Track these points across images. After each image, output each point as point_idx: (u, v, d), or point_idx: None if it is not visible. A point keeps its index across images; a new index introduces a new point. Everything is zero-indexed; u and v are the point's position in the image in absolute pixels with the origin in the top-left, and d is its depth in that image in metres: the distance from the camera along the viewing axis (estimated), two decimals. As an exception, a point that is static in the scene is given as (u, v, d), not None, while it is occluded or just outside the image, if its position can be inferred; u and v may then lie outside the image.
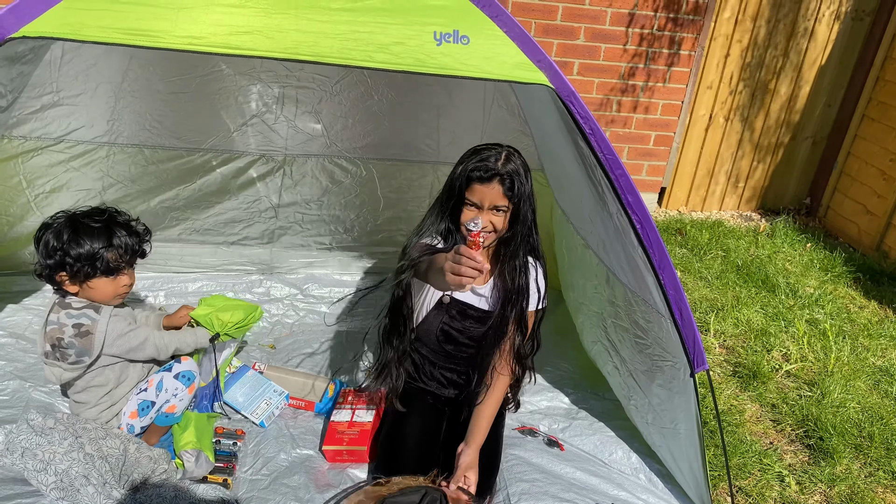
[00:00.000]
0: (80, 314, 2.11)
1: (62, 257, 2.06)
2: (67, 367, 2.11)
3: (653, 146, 4.93)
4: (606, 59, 4.56)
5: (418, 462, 2.16)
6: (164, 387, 2.20)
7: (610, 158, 1.86)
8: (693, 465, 2.18)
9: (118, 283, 2.17)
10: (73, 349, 2.09)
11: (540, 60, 1.80)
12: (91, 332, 2.11)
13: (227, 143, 3.00)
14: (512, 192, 2.07)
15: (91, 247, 2.07)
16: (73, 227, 2.08)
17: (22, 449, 1.98)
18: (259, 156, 3.08)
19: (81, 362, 2.11)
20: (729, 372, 3.23)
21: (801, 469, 2.66)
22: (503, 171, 2.06)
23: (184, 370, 2.24)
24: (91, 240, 2.08)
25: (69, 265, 2.07)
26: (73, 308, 2.11)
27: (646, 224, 1.90)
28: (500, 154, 2.10)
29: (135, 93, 2.72)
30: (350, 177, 3.22)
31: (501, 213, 2.13)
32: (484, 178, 2.07)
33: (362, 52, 1.68)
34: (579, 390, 2.76)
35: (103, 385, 2.19)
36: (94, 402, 2.19)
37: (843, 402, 3.01)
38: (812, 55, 4.95)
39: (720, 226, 4.95)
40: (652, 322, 2.13)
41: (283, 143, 3.07)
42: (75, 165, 2.84)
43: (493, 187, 2.07)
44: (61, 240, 2.06)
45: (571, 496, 2.22)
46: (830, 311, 3.83)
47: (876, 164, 4.77)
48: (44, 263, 2.08)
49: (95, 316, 2.12)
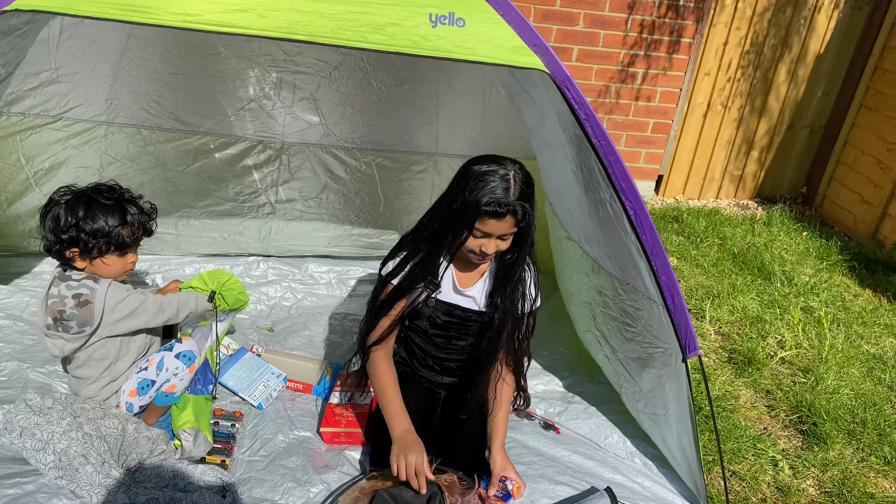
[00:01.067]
0: (80, 285, 2.13)
1: (77, 233, 2.08)
2: (70, 337, 2.12)
3: (651, 133, 4.93)
4: (606, 45, 4.55)
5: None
6: (164, 366, 2.21)
7: (604, 144, 1.86)
8: (687, 449, 2.20)
9: (126, 261, 2.20)
10: (74, 320, 2.11)
11: (536, 45, 1.80)
12: (91, 300, 2.12)
13: (225, 128, 3.00)
14: (524, 221, 2.01)
15: (106, 223, 2.10)
16: (87, 204, 2.09)
17: (20, 428, 2.00)
18: (257, 142, 3.08)
19: (83, 332, 2.13)
20: (724, 358, 3.25)
21: (794, 454, 2.68)
22: (516, 205, 1.96)
23: (185, 350, 2.25)
24: (106, 216, 2.10)
25: (83, 241, 2.09)
26: (73, 280, 2.13)
27: (639, 211, 1.90)
28: (508, 181, 1.97)
29: (133, 72, 2.72)
30: (348, 170, 3.21)
31: (509, 238, 2.08)
32: (498, 213, 1.97)
33: (357, 33, 1.68)
34: (575, 373, 2.78)
35: (104, 359, 2.20)
36: (95, 377, 2.20)
37: (837, 388, 3.03)
38: (811, 44, 4.95)
39: (717, 214, 4.96)
40: (642, 310, 2.14)
41: (280, 130, 3.06)
42: (74, 143, 2.84)
43: (506, 220, 1.99)
44: (76, 215, 2.07)
45: (567, 479, 2.24)
46: (825, 299, 3.85)
47: (872, 153, 4.78)
48: (56, 238, 2.09)
49: (94, 285, 2.14)
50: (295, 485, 2.13)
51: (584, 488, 2.22)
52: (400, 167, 3.26)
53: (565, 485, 2.22)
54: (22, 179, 2.86)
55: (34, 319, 2.70)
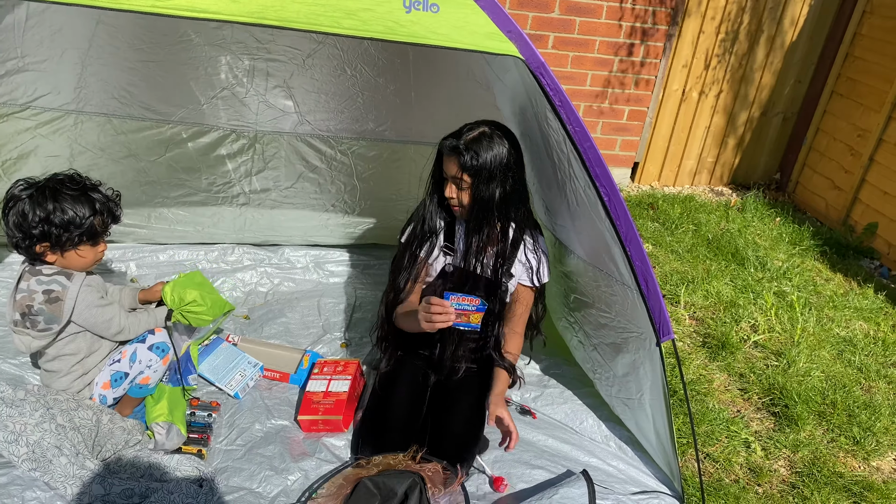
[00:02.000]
0: (51, 280, 2.09)
1: (48, 227, 2.04)
2: (36, 334, 2.10)
3: (626, 121, 4.95)
4: (582, 32, 4.56)
5: (404, 428, 2.21)
6: (137, 358, 2.19)
7: (578, 131, 1.87)
8: (661, 432, 2.23)
9: (97, 250, 2.17)
10: (42, 316, 2.08)
11: (510, 31, 1.80)
12: (61, 298, 2.09)
13: (197, 116, 2.96)
14: (466, 167, 2.13)
15: (76, 213, 2.06)
16: (53, 196, 2.05)
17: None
18: (230, 131, 3.04)
19: (50, 329, 2.10)
20: (698, 343, 3.29)
21: (766, 435, 2.73)
22: (462, 145, 2.14)
23: (158, 341, 2.24)
24: (76, 206, 2.06)
25: (55, 235, 2.05)
26: (44, 275, 2.10)
27: (613, 197, 1.92)
28: (472, 129, 2.17)
29: (102, 60, 2.67)
30: (324, 159, 3.19)
31: (466, 189, 2.19)
32: (447, 149, 2.19)
33: (330, 18, 1.66)
34: (552, 356, 2.80)
35: (74, 354, 2.18)
36: (66, 371, 2.18)
37: (808, 371, 3.08)
38: (784, 32, 5.00)
39: (692, 200, 5.01)
40: (616, 295, 2.17)
41: (253, 119, 3.03)
42: (43, 133, 2.79)
43: (452, 160, 2.17)
44: (45, 209, 2.03)
45: (543, 463, 2.27)
46: (798, 284, 3.91)
47: (844, 139, 4.85)
48: (24, 234, 2.05)
49: (66, 283, 2.11)
50: (272, 473, 2.14)
51: (560, 472, 2.24)
52: (376, 155, 3.24)
53: (542, 469, 2.24)
54: (-10, 168, 2.81)
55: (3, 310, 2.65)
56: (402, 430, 2.21)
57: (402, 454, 2.08)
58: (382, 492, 1.91)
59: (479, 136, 2.14)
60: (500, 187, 2.17)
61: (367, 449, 2.18)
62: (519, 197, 2.26)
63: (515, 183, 2.21)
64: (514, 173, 2.20)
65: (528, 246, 2.36)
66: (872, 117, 4.57)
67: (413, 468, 1.99)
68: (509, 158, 2.16)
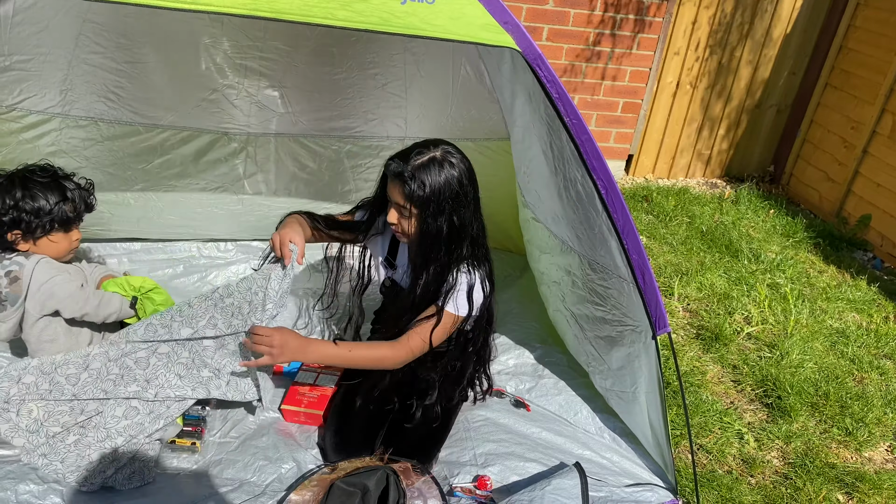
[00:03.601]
0: (11, 262, 2.12)
1: (17, 213, 2.06)
2: (3, 315, 2.11)
3: (621, 113, 4.95)
4: (576, 24, 4.54)
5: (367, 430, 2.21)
6: None
7: (575, 123, 1.86)
8: (655, 424, 2.23)
9: (71, 238, 2.19)
10: (7, 300, 2.10)
11: (507, 22, 1.79)
12: (19, 277, 2.10)
13: (187, 119, 2.85)
14: (412, 197, 1.97)
15: (47, 200, 2.09)
16: (23, 184, 2.07)
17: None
18: (220, 134, 2.95)
19: (16, 313, 2.12)
20: (692, 335, 3.30)
21: (759, 427, 2.74)
22: (409, 171, 1.96)
23: None
24: (46, 193, 2.09)
25: (25, 222, 2.07)
26: (6, 259, 2.12)
27: (610, 189, 1.91)
28: (421, 152, 2.00)
29: (89, 60, 2.56)
30: (318, 159, 3.13)
31: (409, 217, 2.04)
32: (392, 173, 2.02)
33: (323, 10, 1.64)
34: (546, 345, 2.80)
35: (53, 340, 2.18)
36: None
37: (801, 362, 3.10)
38: (778, 24, 4.99)
39: (686, 193, 5.01)
40: (611, 288, 2.16)
41: (245, 121, 2.93)
42: (27, 137, 2.68)
43: (396, 186, 2.01)
44: (14, 196, 2.05)
45: (537, 455, 2.27)
46: (791, 276, 3.92)
47: (837, 131, 4.86)
48: (9, 217, 2.07)
49: (24, 261, 2.12)
50: (266, 462, 2.14)
51: (553, 464, 2.24)
52: (370, 153, 3.20)
53: (535, 461, 2.24)
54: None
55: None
56: (364, 432, 2.21)
57: (369, 457, 2.09)
58: (357, 489, 1.92)
59: (429, 163, 1.97)
60: (448, 220, 2.02)
61: (332, 454, 2.18)
62: (470, 229, 2.08)
63: (467, 213, 2.05)
64: (466, 204, 2.03)
65: (463, 271, 2.13)
66: (866, 109, 4.58)
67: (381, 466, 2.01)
68: (461, 188, 2.00)
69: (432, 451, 2.21)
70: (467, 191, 2.04)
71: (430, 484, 2.06)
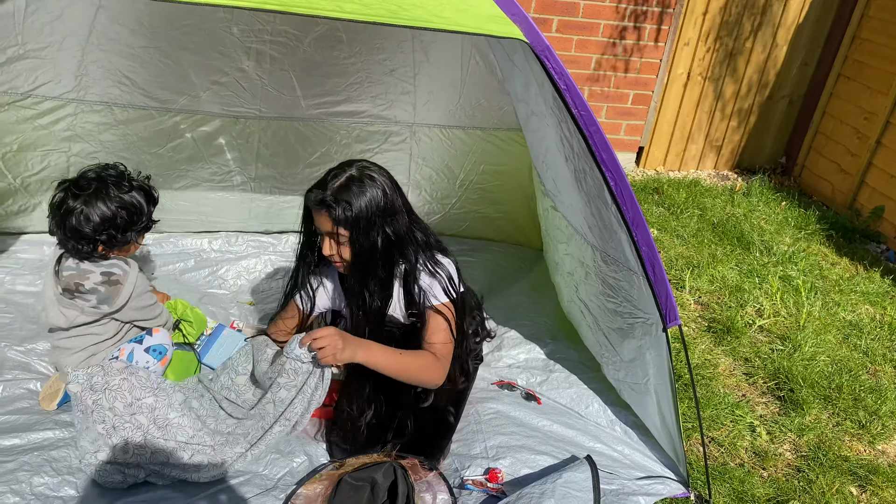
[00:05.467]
0: (111, 264, 2.18)
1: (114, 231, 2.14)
2: (88, 310, 2.15)
3: (631, 105, 4.92)
4: (586, 16, 4.52)
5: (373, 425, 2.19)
6: (134, 358, 2.21)
7: (584, 115, 1.85)
8: (667, 417, 2.23)
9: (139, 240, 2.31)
10: (95, 295, 2.14)
11: (514, 14, 1.78)
12: (121, 282, 2.17)
13: (199, 103, 2.93)
14: (339, 220, 1.93)
15: (135, 210, 2.19)
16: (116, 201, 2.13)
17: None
18: (231, 118, 3.01)
19: (98, 310, 2.16)
20: (704, 327, 3.28)
21: (771, 420, 2.72)
22: (330, 196, 1.92)
23: (155, 344, 2.26)
24: (133, 205, 2.18)
25: (118, 238, 2.16)
26: (98, 257, 2.17)
27: (619, 181, 1.90)
28: (337, 176, 1.96)
29: (103, 47, 2.64)
30: (327, 142, 3.16)
31: (345, 243, 1.99)
32: (314, 203, 1.97)
33: (331, 2, 1.62)
34: (557, 340, 2.80)
35: (99, 335, 2.21)
36: (81, 348, 2.20)
37: (814, 355, 3.07)
38: (790, 14, 4.94)
39: (697, 185, 4.98)
40: (622, 280, 2.16)
41: (256, 104, 3.00)
42: (43, 123, 2.77)
43: (322, 215, 1.96)
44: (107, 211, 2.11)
45: (548, 448, 2.27)
46: (803, 268, 3.90)
47: (850, 122, 4.81)
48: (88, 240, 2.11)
49: (126, 268, 2.20)
50: (278, 456, 2.15)
51: (564, 457, 2.25)
52: (378, 138, 3.22)
53: (546, 454, 2.24)
54: (-8, 158, 2.80)
55: (10, 298, 2.67)
56: (371, 429, 2.19)
57: (376, 453, 2.10)
58: (365, 483, 1.93)
59: (347, 183, 1.94)
60: (382, 234, 1.98)
61: (339, 452, 2.18)
62: (407, 237, 2.05)
63: (400, 223, 2.02)
64: (396, 212, 2.00)
65: (425, 272, 2.10)
66: (879, 100, 4.53)
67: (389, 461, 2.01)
68: (386, 199, 1.97)
69: (441, 443, 2.21)
70: (393, 200, 2.00)
71: (439, 479, 2.06)
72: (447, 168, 3.34)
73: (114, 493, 1.95)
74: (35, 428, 2.11)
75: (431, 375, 2.10)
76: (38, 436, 2.08)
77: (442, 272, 2.12)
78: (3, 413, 2.14)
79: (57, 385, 2.23)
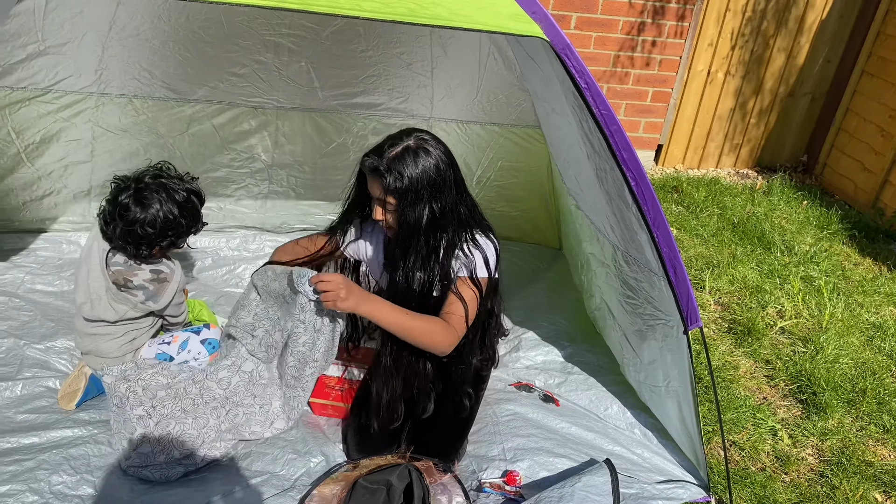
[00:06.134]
0: (160, 263, 2.24)
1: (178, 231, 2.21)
2: (139, 306, 2.19)
3: (650, 102, 4.87)
4: (605, 12, 4.47)
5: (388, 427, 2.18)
6: (188, 347, 2.26)
7: (605, 114, 1.83)
8: (687, 420, 2.20)
9: None
10: (142, 291, 2.19)
11: (535, 12, 1.76)
12: (168, 280, 2.23)
13: (218, 94, 2.95)
14: (389, 189, 1.95)
15: (192, 215, 2.25)
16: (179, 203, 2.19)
17: None
18: (251, 108, 3.04)
19: (146, 306, 2.21)
20: (724, 329, 3.24)
21: (793, 423, 2.68)
22: (384, 165, 1.94)
23: (211, 337, 2.31)
24: (189, 209, 2.23)
25: (175, 240, 2.22)
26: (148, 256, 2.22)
27: (640, 181, 1.87)
28: (394, 144, 1.97)
29: (123, 41, 2.67)
30: (343, 133, 3.17)
31: (392, 211, 2.01)
32: (368, 169, 2.00)
33: (351, 1, 1.63)
34: (575, 344, 2.77)
35: (136, 321, 2.25)
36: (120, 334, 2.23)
37: (837, 357, 3.02)
38: (812, 10, 4.87)
39: (717, 183, 4.93)
40: (643, 282, 2.13)
41: (274, 95, 3.02)
42: (64, 116, 2.81)
43: (374, 181, 1.99)
44: (172, 214, 2.17)
45: (567, 451, 2.25)
46: (825, 269, 3.84)
47: (874, 120, 4.73)
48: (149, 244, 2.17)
49: (173, 266, 2.27)
50: (295, 456, 2.14)
51: (583, 460, 2.22)
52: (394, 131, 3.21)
53: (564, 457, 2.22)
54: (13, 154, 2.83)
55: (30, 296, 2.68)
56: (386, 429, 2.18)
57: (391, 455, 2.08)
58: (381, 486, 1.91)
59: (403, 153, 1.95)
60: (429, 208, 1.98)
61: (354, 452, 2.17)
62: (451, 214, 2.05)
63: (447, 199, 2.02)
64: (446, 188, 2.00)
65: (465, 248, 2.11)
66: (905, 97, 4.46)
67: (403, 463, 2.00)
68: (438, 173, 1.97)
69: (457, 444, 2.19)
70: (446, 176, 2.00)
71: (454, 481, 2.04)
72: (464, 164, 3.30)
73: (132, 491, 1.95)
74: (54, 426, 2.12)
75: (438, 341, 2.07)
76: (56, 434, 2.09)
77: (479, 252, 2.11)
78: (22, 411, 2.16)
79: (76, 384, 2.24)
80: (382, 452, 2.10)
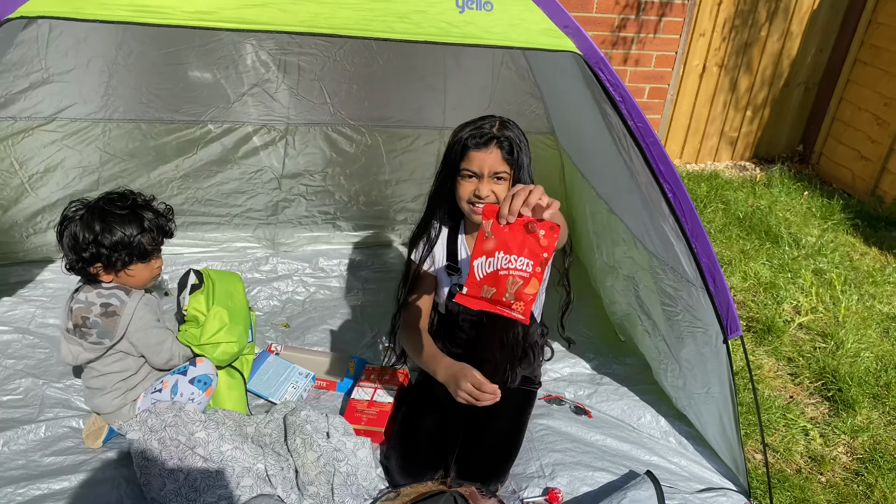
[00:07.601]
0: (110, 294, 2.09)
1: (97, 248, 2.03)
2: (88, 346, 2.08)
3: (647, 99, 4.86)
4: (600, 10, 4.46)
5: (433, 449, 2.13)
6: (179, 391, 2.14)
7: (641, 127, 1.80)
8: (727, 427, 2.17)
9: (152, 267, 2.17)
10: (95, 329, 2.06)
11: (567, 26, 1.73)
12: (118, 313, 2.08)
13: (227, 114, 2.90)
14: (511, 156, 2.00)
15: (124, 234, 2.05)
16: (101, 217, 2.04)
17: None
18: (261, 125, 2.99)
19: (101, 344, 2.09)
20: (743, 327, 3.23)
21: (823, 422, 2.67)
22: (500, 135, 2.00)
23: (199, 374, 2.18)
24: (123, 227, 2.05)
25: (105, 255, 2.04)
26: (104, 287, 2.10)
27: (678, 193, 1.85)
28: (496, 121, 2.05)
29: (129, 66, 2.61)
30: (354, 145, 3.13)
31: (503, 182, 2.03)
32: (481, 143, 2.00)
33: (382, 23, 1.59)
34: (600, 356, 2.74)
35: (121, 372, 2.15)
36: (109, 389, 2.15)
37: (858, 352, 3.03)
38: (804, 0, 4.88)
39: (717, 177, 4.93)
40: (681, 290, 2.10)
41: (285, 112, 2.97)
42: (70, 143, 2.75)
43: (490, 152, 2.00)
44: (93, 231, 2.02)
45: (605, 464, 2.21)
46: (834, 260, 3.85)
47: (869, 108, 4.75)
48: (77, 257, 2.05)
49: (125, 298, 2.11)
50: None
51: (622, 473, 2.19)
52: (407, 141, 3.18)
53: (603, 470, 2.18)
54: (16, 185, 2.76)
55: (44, 332, 2.61)
56: (430, 452, 2.13)
57: (431, 481, 2.04)
58: None
59: (506, 124, 2.03)
60: (529, 177, 2.06)
61: (398, 476, 2.10)
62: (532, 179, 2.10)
63: (531, 168, 2.10)
64: (530, 158, 2.10)
65: None
66: (900, 85, 4.48)
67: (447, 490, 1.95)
68: (526, 140, 2.08)
69: (506, 464, 2.15)
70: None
71: None
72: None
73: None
74: (82, 468, 2.04)
75: None
76: (86, 477, 2.02)
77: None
78: (48, 454, 2.09)
79: (99, 422, 2.18)
80: (427, 476, 2.05)
